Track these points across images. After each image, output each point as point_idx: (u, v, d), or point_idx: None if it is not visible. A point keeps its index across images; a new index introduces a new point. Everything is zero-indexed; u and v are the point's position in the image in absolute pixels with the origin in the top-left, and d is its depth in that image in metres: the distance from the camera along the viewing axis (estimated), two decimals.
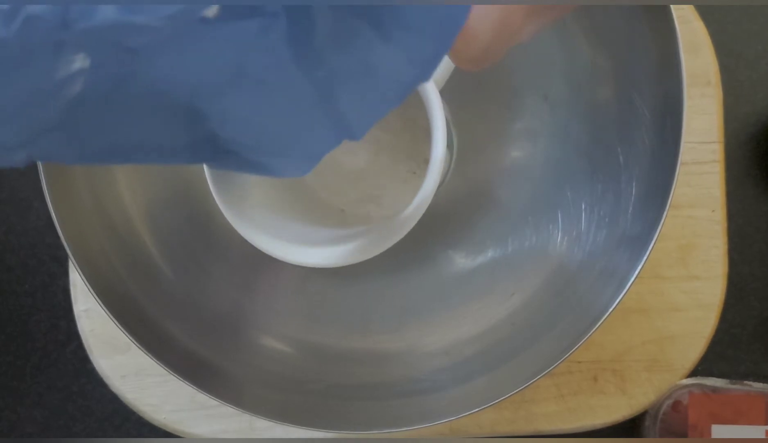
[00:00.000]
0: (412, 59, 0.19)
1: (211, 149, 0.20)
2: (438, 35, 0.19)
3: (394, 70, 0.19)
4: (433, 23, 0.18)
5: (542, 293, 0.36)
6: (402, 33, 0.18)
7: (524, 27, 0.21)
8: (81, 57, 0.15)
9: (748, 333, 0.42)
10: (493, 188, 0.38)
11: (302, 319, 0.37)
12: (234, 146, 0.20)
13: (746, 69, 0.43)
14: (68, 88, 0.16)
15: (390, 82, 0.20)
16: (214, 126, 0.19)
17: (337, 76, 0.19)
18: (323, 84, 0.19)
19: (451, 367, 0.35)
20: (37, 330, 0.43)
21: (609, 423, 0.39)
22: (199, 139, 0.19)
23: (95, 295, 0.31)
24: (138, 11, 0.15)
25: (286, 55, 0.17)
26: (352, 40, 0.18)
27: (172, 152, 0.19)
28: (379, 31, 0.18)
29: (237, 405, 0.31)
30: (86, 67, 0.15)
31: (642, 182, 0.32)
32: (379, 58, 0.19)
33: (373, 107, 0.21)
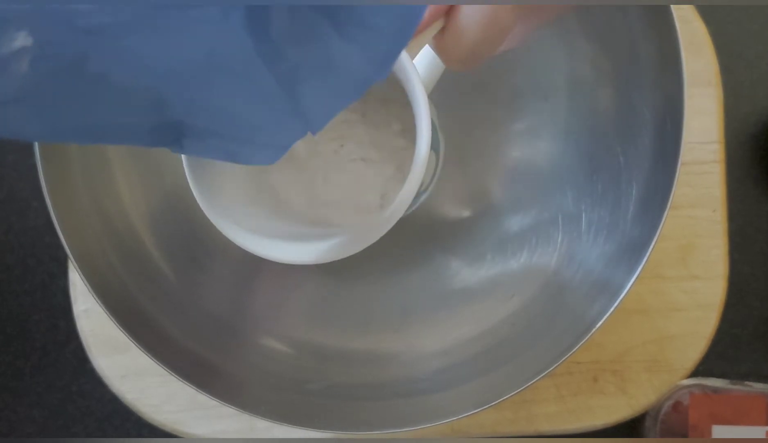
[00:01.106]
0: (368, 56, 0.19)
1: (176, 133, 0.20)
2: (394, 33, 0.19)
3: (352, 66, 0.19)
4: (389, 21, 0.19)
5: (542, 294, 0.35)
6: (358, 30, 0.18)
7: (514, 27, 0.21)
8: (23, 35, 0.15)
9: (749, 333, 0.42)
10: (493, 188, 0.38)
11: (302, 319, 0.37)
12: (200, 132, 0.20)
13: (746, 69, 0.43)
14: (15, 65, 0.15)
15: (348, 78, 0.20)
16: (180, 112, 0.19)
17: (298, 71, 0.19)
18: (284, 78, 0.19)
19: (451, 367, 0.35)
20: (36, 330, 0.43)
21: (609, 424, 0.39)
22: (163, 123, 0.19)
23: (95, 295, 0.31)
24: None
25: (250, 45, 0.18)
26: (311, 34, 0.18)
27: (134, 135, 0.19)
28: (336, 27, 0.18)
29: (237, 405, 0.31)
30: (29, 45, 0.15)
31: (642, 183, 0.32)
32: (336, 54, 0.19)
33: (332, 102, 0.21)
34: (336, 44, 0.19)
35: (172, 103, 0.19)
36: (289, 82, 0.19)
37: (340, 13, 0.18)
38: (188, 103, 0.19)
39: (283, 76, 0.19)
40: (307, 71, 0.19)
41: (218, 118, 0.20)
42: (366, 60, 0.19)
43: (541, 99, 0.37)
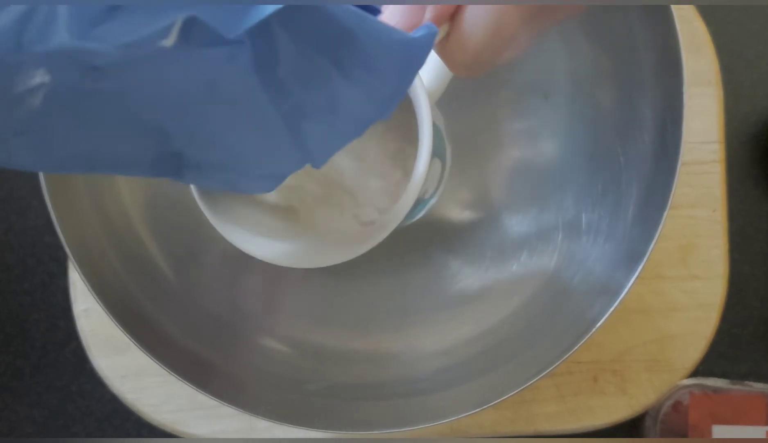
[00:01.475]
0: (371, 99, 0.20)
1: (176, 165, 0.20)
2: (397, 77, 0.20)
3: (355, 107, 0.20)
4: (393, 65, 0.19)
5: (542, 294, 0.35)
6: (362, 73, 0.19)
7: (519, 33, 0.20)
8: (41, 73, 0.15)
9: (749, 332, 0.42)
10: (493, 188, 0.38)
11: (302, 319, 0.37)
12: (199, 163, 0.21)
13: (747, 69, 0.43)
14: (29, 101, 0.16)
15: (350, 118, 0.21)
16: (180, 144, 0.19)
17: (302, 110, 0.20)
18: (289, 115, 0.20)
19: (451, 367, 0.35)
20: (36, 330, 0.43)
21: (609, 424, 0.39)
22: (163, 155, 0.20)
23: (95, 295, 0.31)
24: (93, 38, 0.15)
25: (255, 82, 0.18)
26: (315, 74, 0.19)
27: (135, 166, 0.20)
28: (340, 69, 0.19)
29: (237, 405, 0.31)
30: (46, 82, 0.15)
31: (643, 182, 0.32)
32: (340, 95, 0.20)
33: (334, 140, 0.22)
34: (340, 86, 0.19)
35: (173, 136, 0.19)
36: (294, 119, 0.20)
37: (345, 57, 0.18)
38: (189, 135, 0.19)
39: (288, 112, 0.20)
40: (312, 109, 0.20)
41: (218, 149, 0.20)
42: (369, 102, 0.20)
43: (541, 99, 0.37)
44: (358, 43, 0.18)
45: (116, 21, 0.15)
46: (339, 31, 0.18)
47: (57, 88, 0.16)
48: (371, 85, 0.19)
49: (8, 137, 0.17)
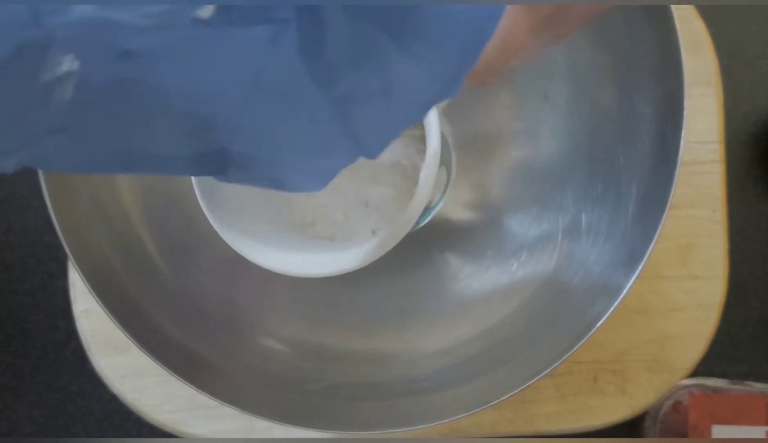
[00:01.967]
0: (434, 75, 0.18)
1: (219, 161, 0.19)
2: (463, 47, 0.17)
3: (414, 86, 0.18)
4: (458, 33, 0.17)
5: (542, 294, 0.35)
6: (423, 44, 0.17)
7: (528, 44, 0.21)
8: (69, 58, 0.14)
9: (749, 333, 0.42)
10: (493, 188, 0.38)
11: (302, 319, 0.37)
12: (245, 159, 0.19)
13: (746, 69, 0.43)
14: (59, 92, 0.14)
15: (409, 100, 0.18)
16: (223, 139, 0.18)
17: (353, 96, 0.18)
18: (339, 103, 0.18)
19: (451, 367, 0.35)
20: (36, 330, 0.43)
21: (609, 424, 0.39)
22: (206, 151, 0.18)
23: (95, 295, 0.31)
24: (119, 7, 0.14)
25: (301, 68, 0.16)
26: (369, 52, 0.17)
27: (174, 164, 0.18)
28: (398, 41, 0.17)
29: (237, 405, 0.31)
30: (75, 69, 0.14)
31: (642, 182, 0.32)
32: (397, 73, 0.18)
33: (392, 126, 0.20)
34: (397, 61, 0.17)
35: (216, 129, 0.18)
36: (344, 106, 0.18)
37: (405, 28, 0.17)
38: (233, 128, 0.18)
39: (338, 99, 0.18)
40: (364, 95, 0.18)
41: (264, 143, 0.19)
42: (432, 78, 0.18)
43: (541, 99, 0.37)
44: (421, 16, 0.16)
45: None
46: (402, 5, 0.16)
47: (88, 77, 0.14)
48: (435, 58, 0.17)
49: (41, 136, 0.15)
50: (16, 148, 0.16)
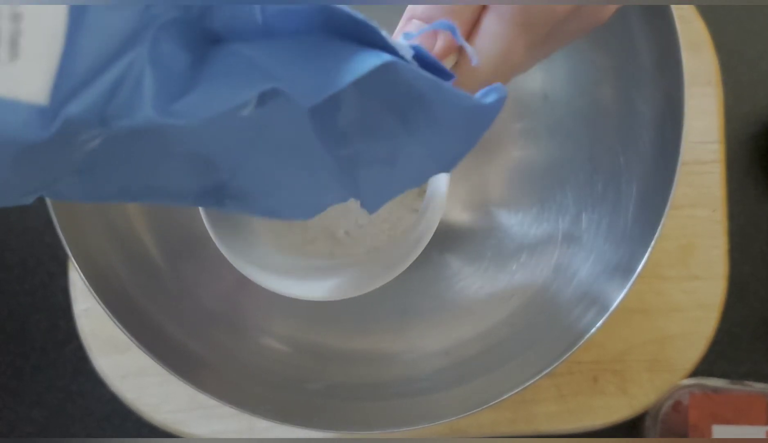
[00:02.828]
0: (434, 156, 0.19)
1: (218, 195, 0.20)
2: (462, 138, 0.19)
3: (416, 162, 0.20)
4: (460, 126, 0.19)
5: (542, 294, 0.35)
6: (428, 132, 0.18)
7: (524, 61, 0.21)
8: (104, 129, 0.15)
9: (749, 332, 0.42)
10: (493, 188, 0.38)
11: (302, 319, 0.37)
12: (242, 195, 0.20)
13: (746, 69, 0.43)
14: (88, 145, 0.15)
15: (410, 171, 0.20)
16: (225, 176, 0.19)
17: (358, 159, 0.19)
18: (345, 162, 0.19)
19: (451, 367, 0.35)
20: (36, 330, 0.43)
21: (609, 424, 0.39)
22: (207, 187, 0.19)
23: (95, 295, 0.31)
24: (179, 113, 0.15)
25: (307, 126, 0.17)
26: (379, 129, 0.18)
27: (179, 196, 0.19)
28: (406, 126, 0.18)
29: (237, 405, 0.31)
30: (106, 134, 0.15)
31: (642, 182, 0.32)
32: (402, 149, 0.19)
33: (390, 190, 0.21)
34: (403, 140, 0.19)
35: (218, 168, 0.19)
36: (349, 166, 0.20)
37: (413, 116, 0.18)
38: (234, 168, 0.19)
39: (344, 159, 0.19)
40: (370, 159, 0.19)
41: (262, 183, 0.20)
42: (431, 158, 0.20)
43: (540, 99, 0.37)
44: (428, 105, 0.18)
45: (197, 93, 0.15)
46: (412, 94, 0.17)
47: (113, 132, 0.15)
48: (436, 143, 0.19)
49: (62, 177, 0.16)
50: (39, 188, 0.17)
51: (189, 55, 0.15)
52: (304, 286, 0.27)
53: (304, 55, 0.16)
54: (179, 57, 0.15)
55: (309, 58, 0.16)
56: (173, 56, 0.15)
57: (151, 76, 0.14)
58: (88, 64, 0.14)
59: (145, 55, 0.14)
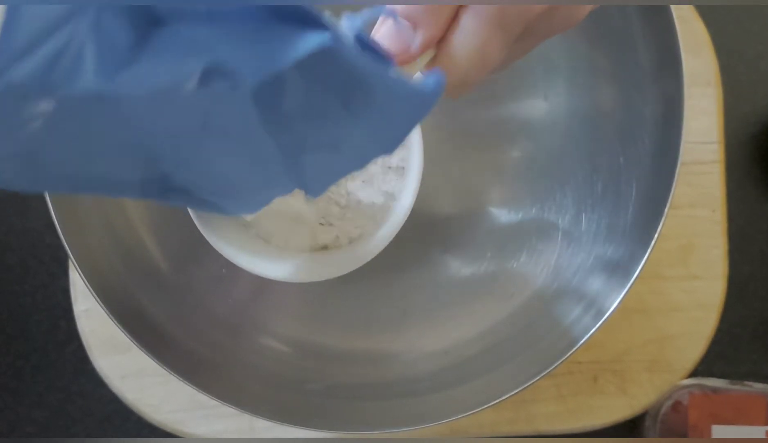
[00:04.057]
0: (376, 139, 0.20)
1: (162, 187, 0.20)
2: (404, 121, 0.20)
3: (359, 145, 0.20)
4: (401, 110, 0.19)
5: (542, 293, 0.35)
6: (370, 113, 0.19)
7: (500, 58, 0.22)
8: (46, 101, 0.15)
9: (749, 332, 0.42)
10: (493, 188, 0.38)
11: (302, 319, 0.37)
12: (186, 187, 0.20)
13: (746, 69, 0.43)
14: (30, 126, 0.15)
15: (353, 155, 0.21)
16: (168, 168, 0.19)
17: (303, 144, 0.20)
18: (288, 148, 0.20)
19: (451, 367, 0.35)
20: (36, 330, 0.43)
21: (609, 424, 0.39)
22: (150, 178, 0.19)
23: (95, 295, 0.31)
24: (122, 83, 0.15)
25: (252, 112, 0.18)
26: (322, 113, 0.19)
27: (122, 187, 0.19)
28: (348, 108, 0.19)
29: (237, 405, 0.31)
30: (50, 110, 0.15)
31: (642, 182, 0.32)
32: (345, 133, 0.19)
33: (334, 173, 0.22)
34: (345, 123, 0.19)
35: (162, 159, 0.19)
36: (293, 151, 0.20)
37: (356, 99, 0.18)
38: (178, 160, 0.19)
39: (287, 145, 0.19)
40: (314, 144, 0.20)
41: (207, 176, 0.20)
42: (374, 141, 0.20)
43: (540, 98, 0.37)
44: (369, 89, 0.18)
45: (141, 64, 0.15)
46: (353, 78, 0.18)
47: (59, 117, 0.15)
48: (378, 127, 0.20)
49: (4, 160, 0.17)
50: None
51: (132, 32, 0.15)
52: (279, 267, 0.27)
53: (248, 35, 0.16)
54: (122, 33, 0.15)
55: (252, 38, 0.16)
56: (116, 31, 0.15)
57: (93, 48, 0.14)
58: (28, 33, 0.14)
59: (87, 27, 0.14)
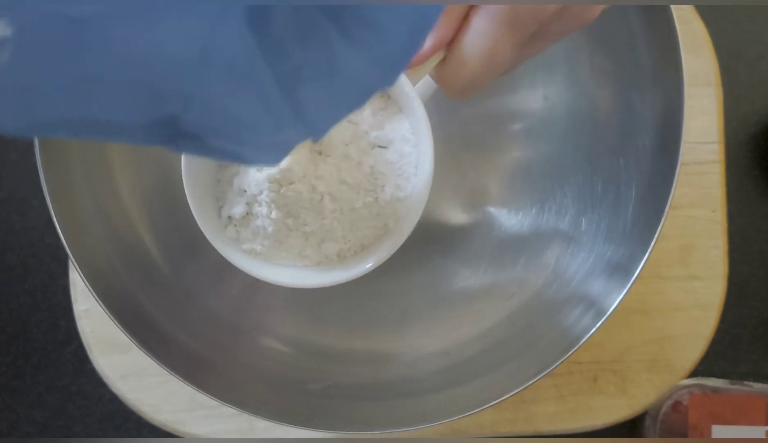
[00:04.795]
0: (375, 61, 0.18)
1: (171, 131, 0.19)
2: (403, 37, 0.18)
3: (357, 71, 0.19)
4: (398, 23, 0.18)
5: (542, 293, 0.35)
6: (363, 32, 0.18)
7: (510, 60, 0.21)
8: (2, 24, 0.14)
9: (749, 332, 0.42)
10: (493, 189, 0.38)
11: (303, 319, 0.37)
12: (198, 130, 0.19)
13: (746, 69, 0.43)
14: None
15: (352, 84, 0.19)
16: (175, 107, 0.18)
17: (300, 72, 0.18)
18: (286, 78, 0.18)
19: (451, 367, 0.35)
20: (37, 330, 0.43)
21: (609, 424, 0.39)
22: (157, 119, 0.18)
23: (95, 295, 0.31)
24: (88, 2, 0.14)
25: (251, 42, 0.17)
26: (313, 33, 0.17)
27: (125, 130, 0.18)
28: (339, 27, 0.17)
29: (237, 406, 0.31)
30: (8, 34, 0.14)
31: (642, 183, 0.32)
32: (341, 57, 0.18)
33: (335, 109, 0.20)
34: (340, 46, 0.18)
35: (166, 98, 0.17)
36: (291, 84, 0.19)
37: (345, 14, 0.17)
38: (184, 98, 0.18)
39: (285, 76, 0.18)
40: (310, 73, 0.18)
41: (216, 116, 0.19)
42: (371, 65, 0.19)
43: (540, 99, 0.37)
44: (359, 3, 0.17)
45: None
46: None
47: (27, 42, 0.14)
48: (375, 46, 0.18)
49: None
50: None
51: None
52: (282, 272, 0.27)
53: None
54: None
55: None
56: None
57: None
58: None
59: None
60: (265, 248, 0.28)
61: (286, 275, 0.27)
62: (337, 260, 0.28)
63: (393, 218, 0.27)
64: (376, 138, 0.26)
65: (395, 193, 0.27)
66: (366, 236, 0.28)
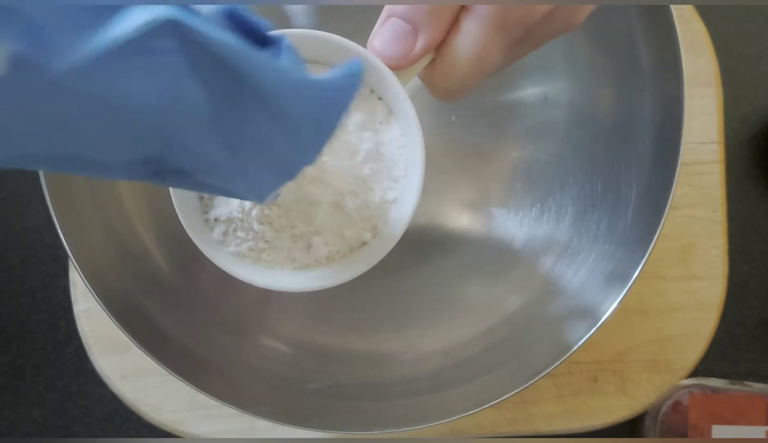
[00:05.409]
0: (292, 144, 0.19)
1: (155, 168, 0.19)
2: (312, 125, 0.19)
3: (280, 150, 0.19)
4: (306, 112, 0.18)
5: (542, 293, 0.35)
6: (282, 117, 0.18)
7: (499, 62, 0.22)
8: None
9: (749, 333, 0.42)
10: (493, 189, 0.38)
11: (303, 319, 0.37)
12: (187, 168, 0.19)
13: (746, 69, 0.43)
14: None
15: (279, 159, 0.19)
16: (156, 148, 0.18)
17: (240, 139, 0.18)
18: (230, 142, 0.18)
19: (451, 367, 0.35)
20: (36, 330, 0.43)
21: (609, 424, 0.39)
22: (138, 159, 0.18)
23: (95, 295, 0.31)
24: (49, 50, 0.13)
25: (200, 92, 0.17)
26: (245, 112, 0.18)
27: (107, 168, 0.18)
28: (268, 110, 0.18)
29: (237, 406, 0.31)
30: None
31: (642, 183, 0.32)
32: (269, 135, 0.18)
33: (272, 176, 0.20)
34: (267, 126, 0.18)
35: (144, 140, 0.18)
36: (234, 148, 0.19)
37: (270, 99, 0.17)
38: (163, 140, 0.18)
39: (228, 140, 0.18)
40: (248, 142, 0.19)
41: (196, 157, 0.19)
42: (290, 147, 0.19)
43: (540, 100, 0.37)
44: (253, 85, 0.17)
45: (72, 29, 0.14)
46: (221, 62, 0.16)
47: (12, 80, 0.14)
48: (293, 133, 0.18)
49: None
50: None
51: None
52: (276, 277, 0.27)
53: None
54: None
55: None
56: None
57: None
58: None
59: None
60: (252, 251, 0.28)
61: (274, 278, 0.27)
62: (326, 262, 0.28)
63: (383, 221, 0.27)
64: (365, 140, 0.26)
65: (385, 195, 0.27)
66: (355, 239, 0.28)
